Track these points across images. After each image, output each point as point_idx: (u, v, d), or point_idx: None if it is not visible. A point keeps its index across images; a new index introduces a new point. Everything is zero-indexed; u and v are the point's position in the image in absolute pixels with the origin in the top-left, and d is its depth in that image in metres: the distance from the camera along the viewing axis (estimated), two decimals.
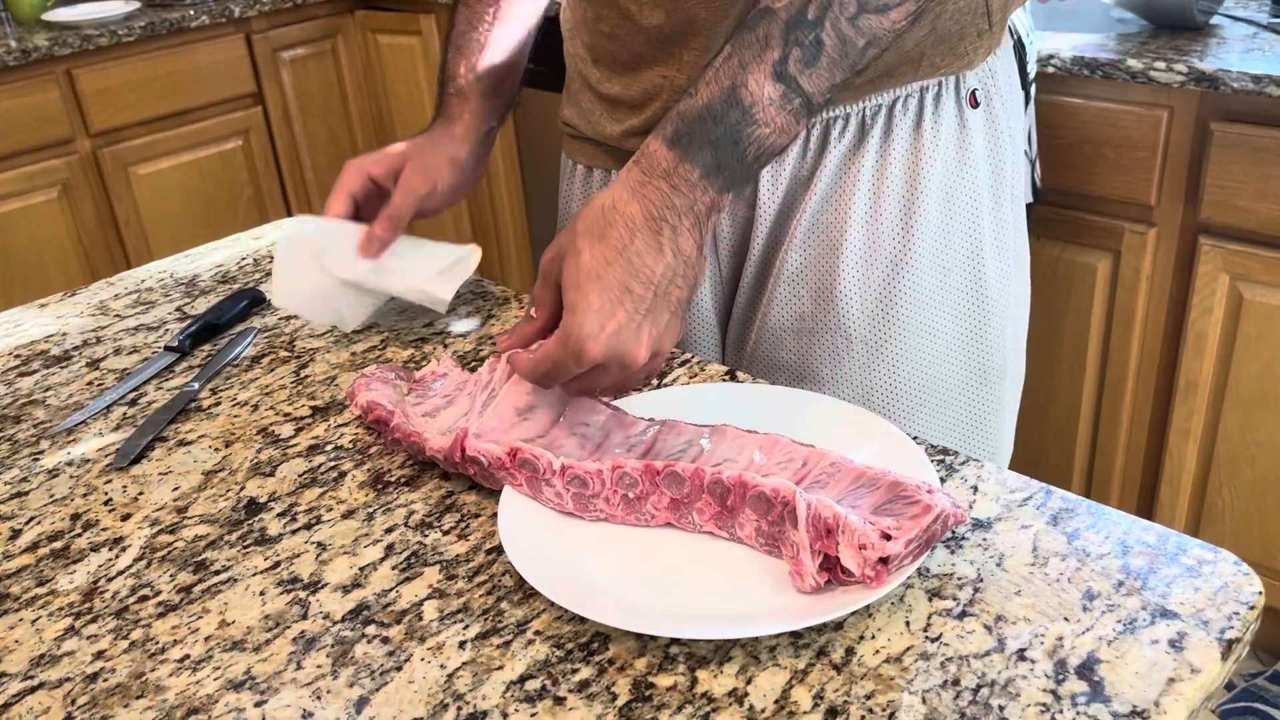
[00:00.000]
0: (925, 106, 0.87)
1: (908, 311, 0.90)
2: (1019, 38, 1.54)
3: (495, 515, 0.70)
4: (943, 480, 0.71)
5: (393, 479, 0.75)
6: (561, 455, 0.70)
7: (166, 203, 2.56)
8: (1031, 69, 1.58)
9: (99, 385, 0.91)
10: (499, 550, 0.67)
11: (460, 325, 0.97)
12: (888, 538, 0.59)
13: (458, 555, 0.67)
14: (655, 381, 0.85)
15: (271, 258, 1.14)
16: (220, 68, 2.59)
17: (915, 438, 0.74)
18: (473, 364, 0.89)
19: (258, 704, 0.57)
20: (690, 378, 0.85)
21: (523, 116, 2.49)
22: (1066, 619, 0.59)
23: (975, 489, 0.70)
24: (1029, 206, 1.64)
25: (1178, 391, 1.70)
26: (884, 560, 0.58)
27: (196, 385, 0.89)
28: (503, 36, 0.98)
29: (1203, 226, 1.60)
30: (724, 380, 0.84)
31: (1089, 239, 1.72)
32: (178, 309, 1.04)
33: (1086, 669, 0.55)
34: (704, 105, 0.69)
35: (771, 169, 0.88)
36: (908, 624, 0.59)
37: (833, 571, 0.61)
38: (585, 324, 0.67)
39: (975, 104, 0.89)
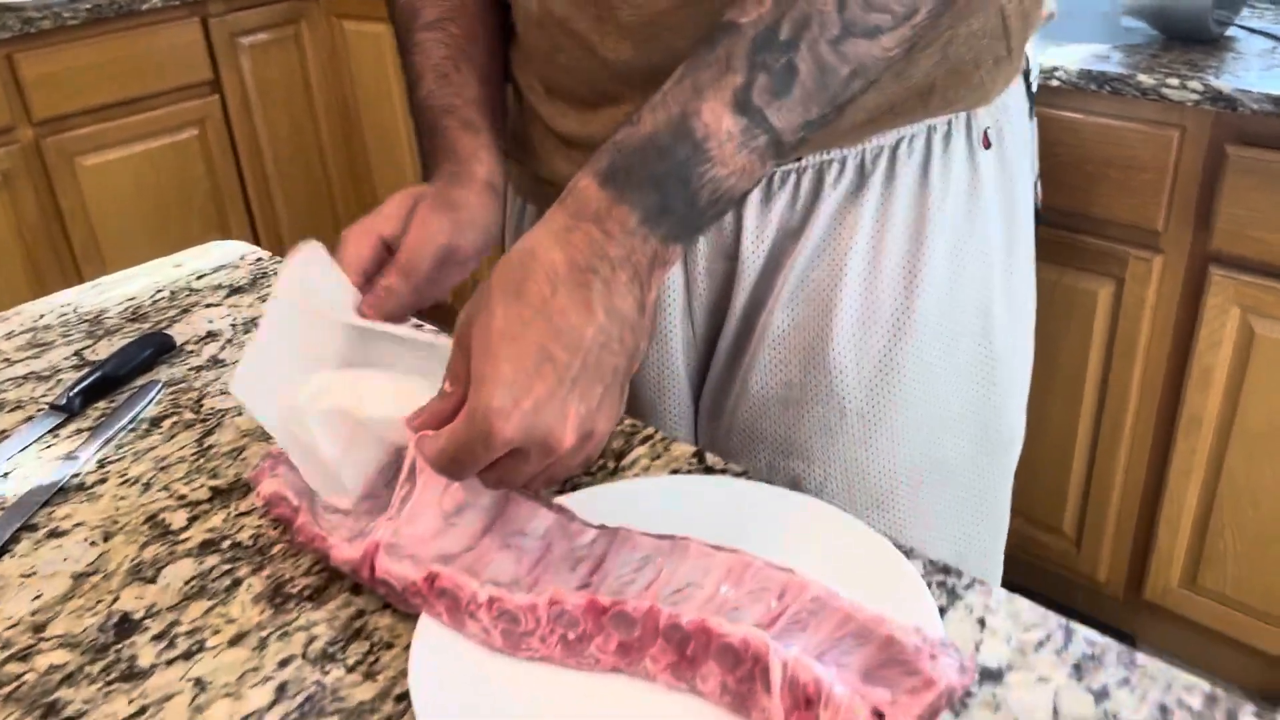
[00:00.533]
0: (933, 148, 0.75)
1: (910, 381, 0.79)
2: None
3: (410, 646, 0.59)
4: (943, 611, 0.60)
5: (295, 590, 0.64)
6: (491, 574, 0.59)
7: (116, 196, 2.42)
8: (1034, 82, 1.47)
9: None
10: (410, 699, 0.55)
11: None
12: (880, 716, 0.48)
13: (361, 703, 0.56)
14: (611, 464, 0.73)
15: (190, 290, 1.02)
16: (174, 53, 2.44)
17: (910, 551, 0.63)
18: None
19: None
20: (653, 459, 0.74)
21: None
22: None
23: (982, 623, 0.59)
24: None
25: (1180, 428, 1.60)
26: None
27: (81, 456, 0.77)
28: (489, 61, 0.81)
29: (1213, 256, 1.49)
30: (692, 461, 0.73)
31: (1091, 264, 1.61)
32: (76, 353, 0.92)
33: None
34: (647, 135, 0.57)
35: (757, 217, 0.77)
36: None
37: None
38: (495, 398, 0.54)
39: (988, 145, 0.78)
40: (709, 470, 0.72)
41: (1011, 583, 0.70)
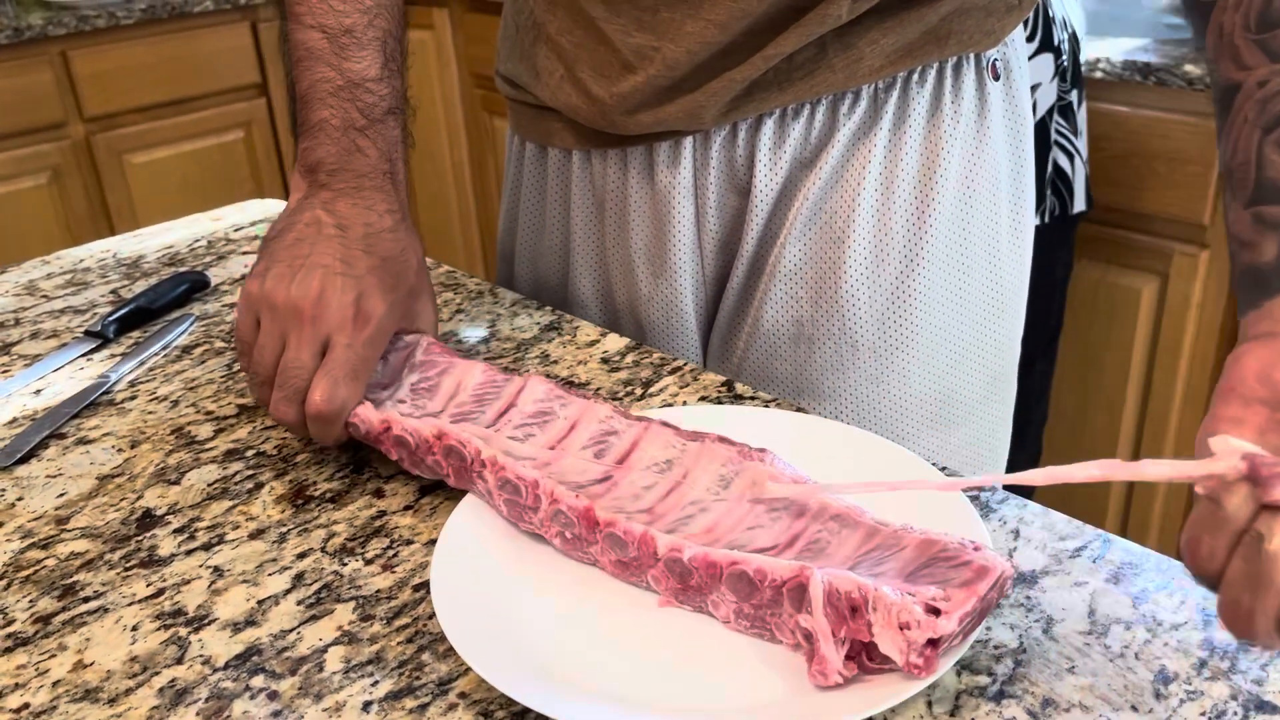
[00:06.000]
0: (945, 79, 0.75)
1: (921, 314, 0.78)
2: (1073, 31, 1.42)
3: (431, 543, 0.58)
4: None
5: (317, 493, 0.63)
6: (505, 445, 0.57)
7: (162, 193, 2.46)
8: (1083, 67, 1.46)
9: (3, 372, 0.79)
10: (429, 587, 0.55)
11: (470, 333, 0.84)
12: (935, 612, 0.45)
13: (379, 591, 0.55)
14: (639, 392, 0.73)
15: (228, 240, 1.03)
16: (223, 56, 2.49)
17: (944, 468, 0.61)
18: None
19: None
20: (681, 387, 0.73)
21: None
22: (1135, 708, 0.46)
23: (1016, 534, 0.57)
24: (1080, 216, 1.52)
25: None
26: (933, 642, 0.45)
27: (113, 376, 0.77)
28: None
29: None
30: (721, 390, 0.72)
31: (1134, 260, 1.59)
32: (113, 292, 0.92)
33: None
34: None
35: (770, 150, 0.76)
36: (930, 705, 0.47)
37: (858, 658, 0.48)
38: None
39: (996, 75, 0.77)
40: (739, 399, 0.71)
41: None
